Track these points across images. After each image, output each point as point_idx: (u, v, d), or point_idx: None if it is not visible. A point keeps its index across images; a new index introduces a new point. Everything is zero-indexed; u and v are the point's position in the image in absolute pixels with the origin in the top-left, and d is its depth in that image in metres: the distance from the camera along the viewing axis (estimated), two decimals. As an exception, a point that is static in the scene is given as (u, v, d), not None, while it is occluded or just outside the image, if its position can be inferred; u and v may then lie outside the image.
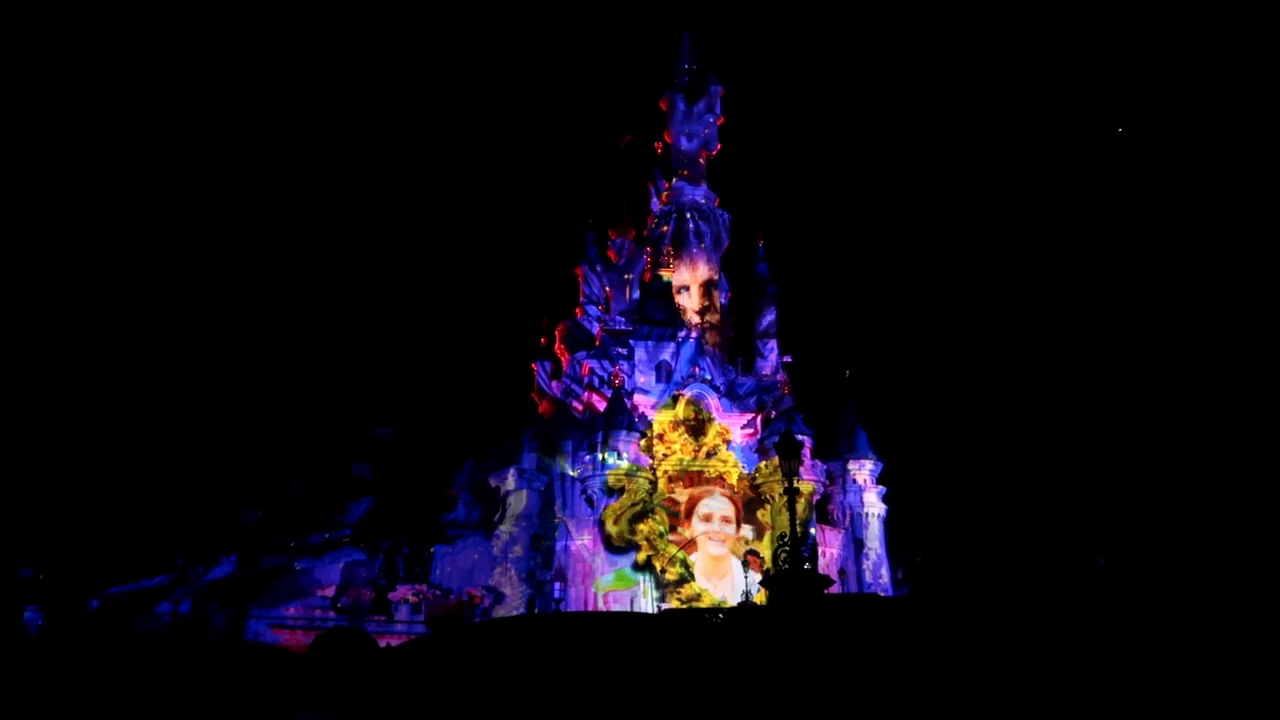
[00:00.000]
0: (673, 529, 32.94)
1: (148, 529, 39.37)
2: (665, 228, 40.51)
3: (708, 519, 33.29)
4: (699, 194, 40.90)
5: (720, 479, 34.12)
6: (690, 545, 32.70)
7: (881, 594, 34.20)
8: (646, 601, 31.46)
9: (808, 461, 33.61)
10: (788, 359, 39.35)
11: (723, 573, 32.65)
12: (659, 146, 42.87)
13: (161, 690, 15.77)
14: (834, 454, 36.64)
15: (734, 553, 32.78)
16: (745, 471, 34.25)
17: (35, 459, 46.23)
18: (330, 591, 32.91)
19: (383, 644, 27.14)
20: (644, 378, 36.46)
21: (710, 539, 32.98)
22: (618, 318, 41.69)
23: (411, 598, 32.08)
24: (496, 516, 34.61)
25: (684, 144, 41.61)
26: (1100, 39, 63.65)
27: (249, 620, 30.44)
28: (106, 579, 34.21)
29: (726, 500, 33.59)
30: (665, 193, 41.49)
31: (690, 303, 39.63)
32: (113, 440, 49.78)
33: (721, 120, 42.22)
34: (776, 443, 19.25)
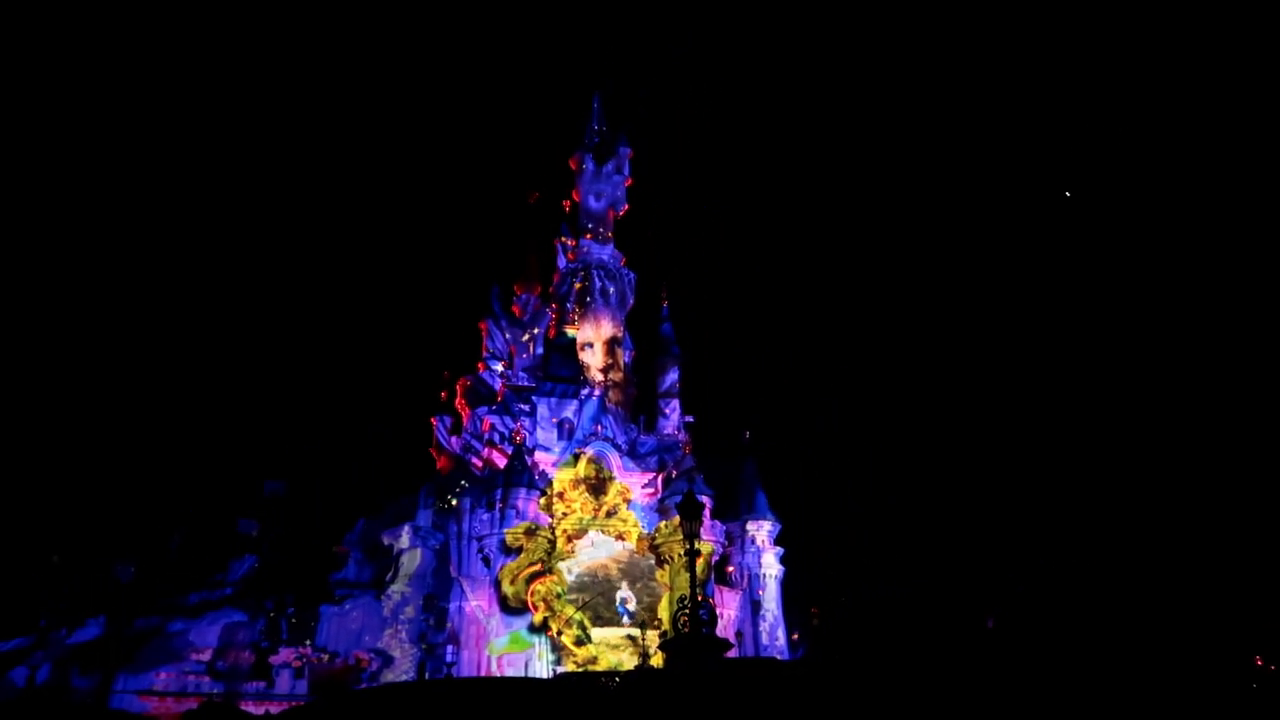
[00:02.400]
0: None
1: (6, 585, 36.72)
2: (572, 285, 40.65)
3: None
4: (606, 253, 41.27)
5: (620, 538, 33.87)
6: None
7: (778, 656, 34.23)
8: (541, 665, 30.73)
9: (707, 522, 33.69)
10: (689, 419, 39.60)
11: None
12: (567, 204, 43.19)
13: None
14: (734, 514, 36.82)
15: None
16: (645, 531, 34.09)
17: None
18: (207, 655, 31.14)
19: (261, 711, 25.84)
20: (546, 435, 36.13)
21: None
22: (521, 374, 41.39)
23: (295, 661, 30.58)
24: (389, 576, 33.51)
25: (592, 203, 42.04)
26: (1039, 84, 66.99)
27: (115, 687, 28.47)
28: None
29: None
30: (572, 250, 41.70)
31: (594, 360, 39.65)
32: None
33: (630, 181, 42.93)
34: (678, 503, 19.21)
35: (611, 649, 31.33)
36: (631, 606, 32.69)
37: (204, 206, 73.34)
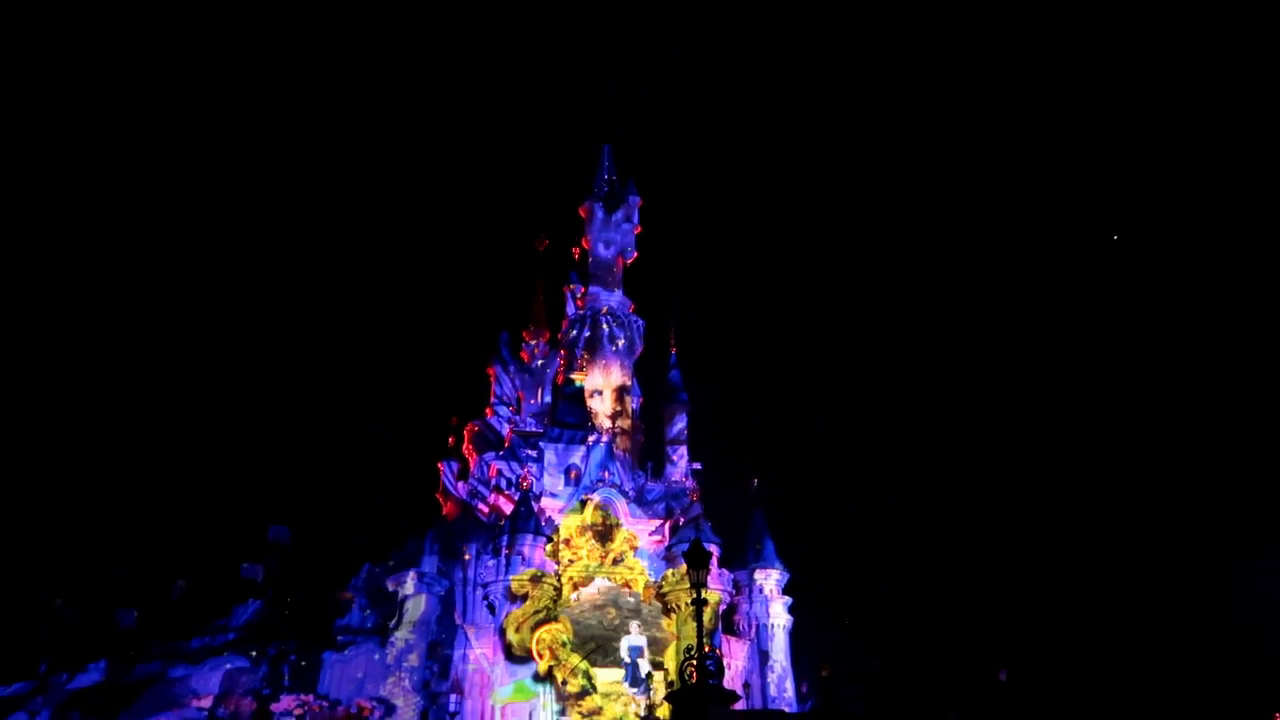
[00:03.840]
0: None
1: (8, 629, 36.49)
2: (580, 332, 40.83)
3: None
4: (614, 300, 41.51)
5: (626, 586, 33.56)
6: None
7: (786, 708, 33.70)
8: (546, 715, 30.31)
9: (715, 570, 33.38)
10: (697, 466, 39.48)
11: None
12: (576, 252, 43.55)
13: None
14: (741, 563, 36.51)
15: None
16: (652, 579, 33.76)
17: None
18: (208, 702, 30.82)
19: (261, 761, 25.47)
20: (553, 481, 36.01)
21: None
22: (528, 419, 41.44)
23: (296, 709, 30.20)
24: (393, 622, 33.19)
25: (601, 251, 42.40)
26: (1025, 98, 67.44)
27: (114, 733, 28.19)
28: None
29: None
30: (581, 297, 41.98)
31: (602, 407, 39.65)
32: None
33: (639, 229, 43.31)
34: (685, 551, 19.09)
35: (617, 699, 30.87)
36: (639, 656, 32.26)
37: (213, 253, 74.02)
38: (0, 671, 32.87)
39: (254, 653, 32.30)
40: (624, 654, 32.03)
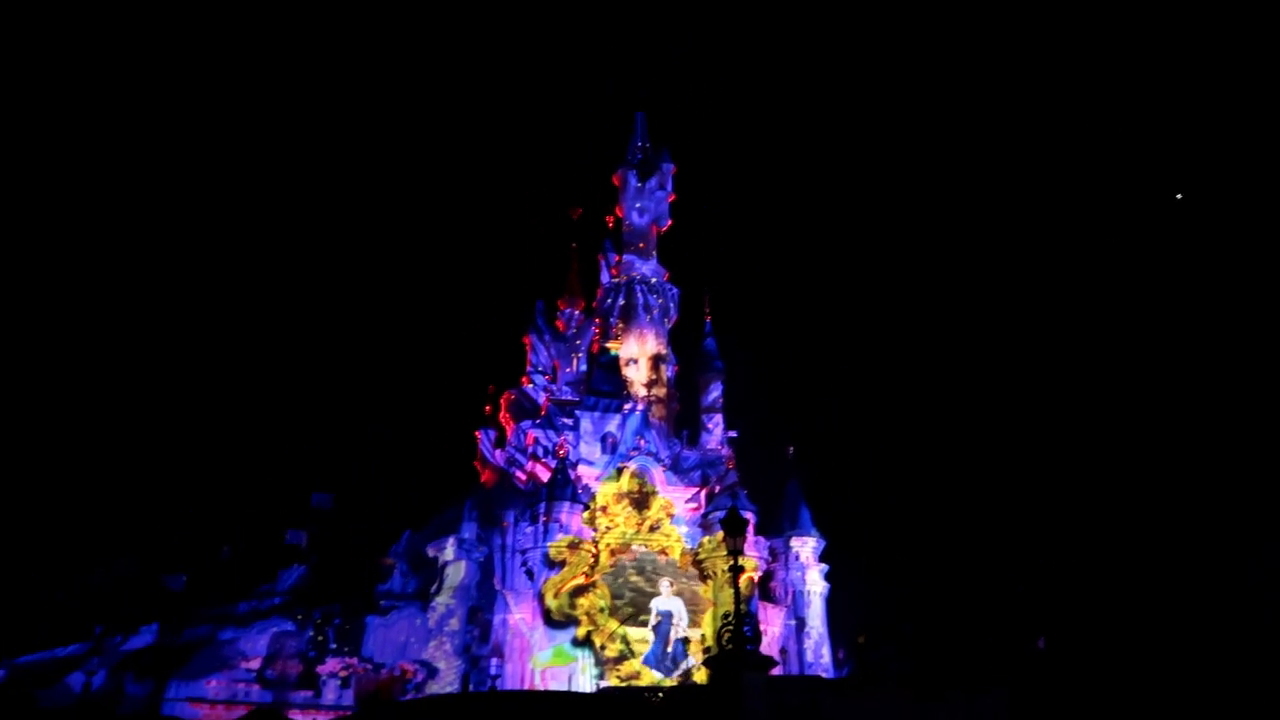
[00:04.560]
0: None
1: (63, 592, 37.61)
2: (615, 300, 40.85)
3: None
4: (649, 268, 41.44)
5: (663, 553, 33.82)
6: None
7: (823, 674, 33.88)
8: (585, 679, 30.75)
9: (751, 538, 33.50)
10: (733, 434, 39.49)
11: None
12: (610, 220, 43.45)
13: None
14: (777, 530, 36.61)
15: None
16: (688, 546, 34.00)
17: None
18: (256, 664, 31.58)
19: (308, 720, 26.18)
20: (589, 449, 36.25)
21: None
22: (564, 388, 41.66)
23: (341, 672, 30.93)
24: (433, 588, 33.76)
25: (635, 219, 42.27)
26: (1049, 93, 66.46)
27: (167, 694, 29.01)
28: (16, 646, 32.56)
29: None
30: (616, 266, 41.95)
31: (637, 375, 39.75)
32: (27, 495, 47.78)
33: (673, 197, 43.08)
34: (722, 519, 19.20)
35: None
36: (672, 622, 32.57)
37: (255, 226, 74.89)
38: (56, 633, 33.91)
39: (299, 617, 33.02)
40: (659, 621, 32.36)
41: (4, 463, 49.23)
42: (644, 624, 32.18)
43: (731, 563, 18.20)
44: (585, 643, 31.24)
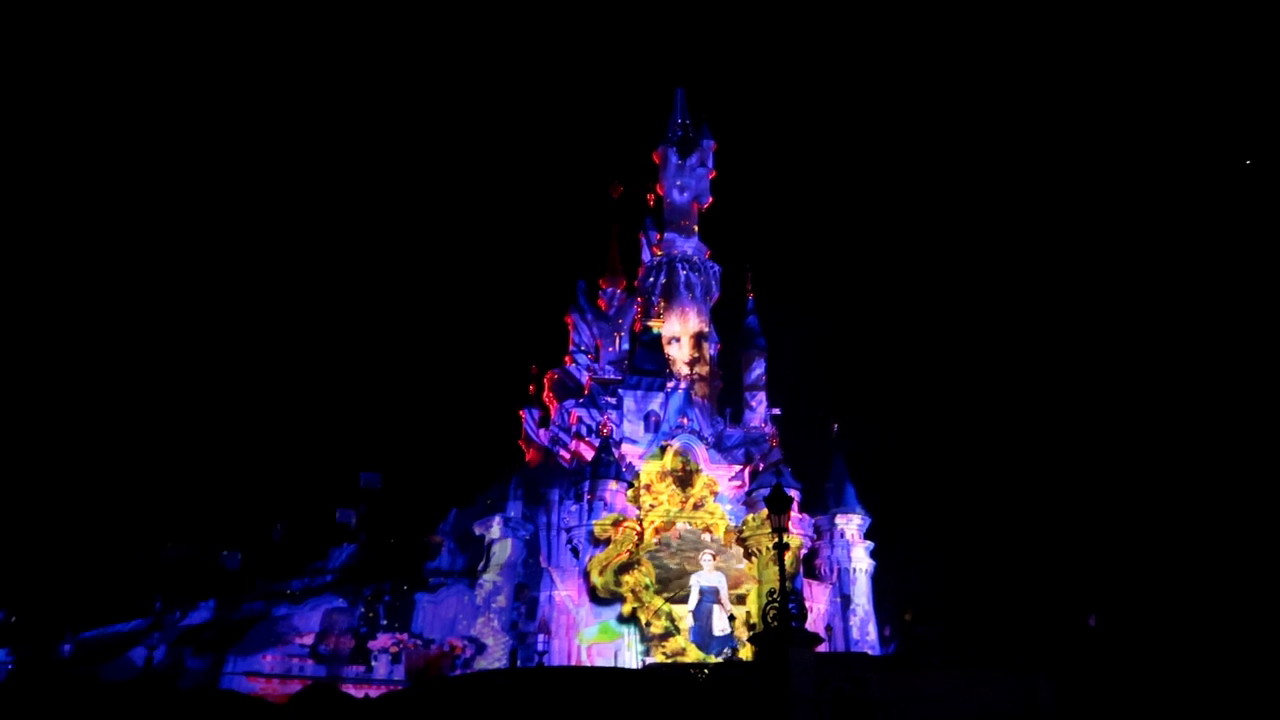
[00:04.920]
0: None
1: (125, 570, 38.73)
2: (657, 279, 40.75)
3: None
4: (690, 246, 41.24)
5: (706, 531, 33.88)
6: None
7: (869, 652, 33.82)
8: (631, 655, 30.99)
9: (796, 515, 33.42)
10: (776, 411, 39.34)
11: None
12: (651, 198, 43.28)
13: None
14: (822, 508, 36.48)
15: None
16: (732, 524, 34.01)
17: (8, 498, 45.59)
18: (309, 639, 32.29)
19: (360, 695, 26.68)
20: (632, 427, 36.35)
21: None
22: (607, 367, 41.74)
23: (392, 647, 31.49)
24: (480, 565, 34.21)
25: (676, 196, 42.05)
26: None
27: (225, 668, 29.79)
28: (80, 622, 33.58)
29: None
30: (657, 244, 41.80)
31: (680, 354, 39.70)
32: (90, 478, 49.18)
33: (713, 174, 42.76)
34: (766, 496, 19.10)
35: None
36: (714, 599, 32.65)
37: (307, 214, 75.86)
38: (118, 609, 34.96)
39: (350, 594, 33.67)
40: (704, 597, 32.44)
41: (69, 446, 50.76)
42: (687, 601, 32.31)
43: (776, 540, 18.14)
44: (631, 619, 31.47)
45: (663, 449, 35.23)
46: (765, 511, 25.35)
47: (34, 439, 51.10)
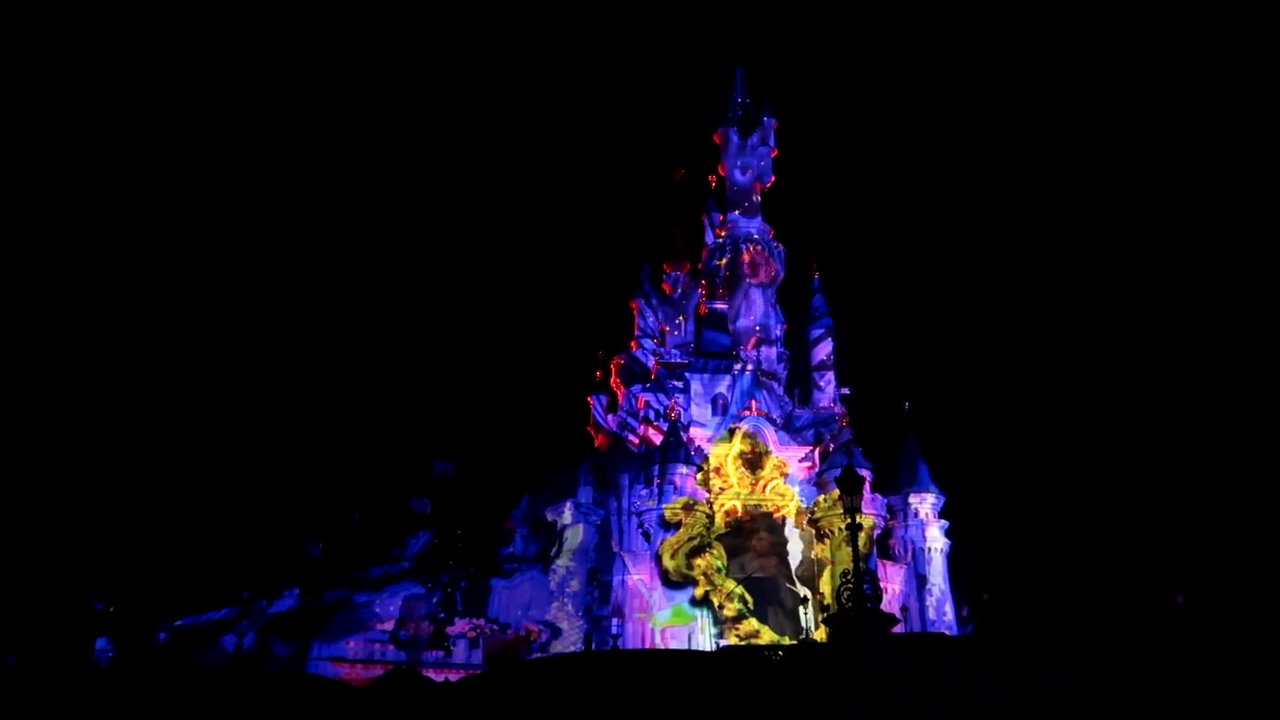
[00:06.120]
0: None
1: (214, 561, 40.05)
2: (720, 261, 40.45)
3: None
4: (754, 226, 40.82)
5: (778, 513, 33.68)
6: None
7: (946, 632, 33.30)
8: (704, 638, 31.05)
9: (868, 495, 32.92)
10: (845, 391, 38.86)
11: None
12: (713, 180, 42.95)
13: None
14: (894, 488, 35.95)
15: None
16: (803, 505, 33.75)
17: (106, 495, 47.52)
18: (390, 625, 33.08)
19: (440, 679, 27.25)
20: (700, 411, 36.27)
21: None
22: (673, 351, 41.65)
23: (470, 632, 32.08)
24: (553, 551, 34.58)
25: (738, 177, 41.66)
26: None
27: (310, 654, 30.68)
28: (174, 611, 34.89)
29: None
30: (720, 226, 41.49)
31: (745, 335, 39.43)
32: (181, 475, 50.97)
33: (775, 153, 42.22)
34: (837, 477, 18.88)
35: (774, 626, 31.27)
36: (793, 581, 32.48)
37: (377, 208, 77.27)
38: (208, 598, 36.22)
39: (428, 580, 34.36)
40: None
41: (159, 444, 52.72)
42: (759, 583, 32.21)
43: (849, 521, 17.94)
44: (703, 602, 31.50)
45: (731, 432, 35.07)
46: (836, 492, 25.04)
47: (128, 438, 53.21)
